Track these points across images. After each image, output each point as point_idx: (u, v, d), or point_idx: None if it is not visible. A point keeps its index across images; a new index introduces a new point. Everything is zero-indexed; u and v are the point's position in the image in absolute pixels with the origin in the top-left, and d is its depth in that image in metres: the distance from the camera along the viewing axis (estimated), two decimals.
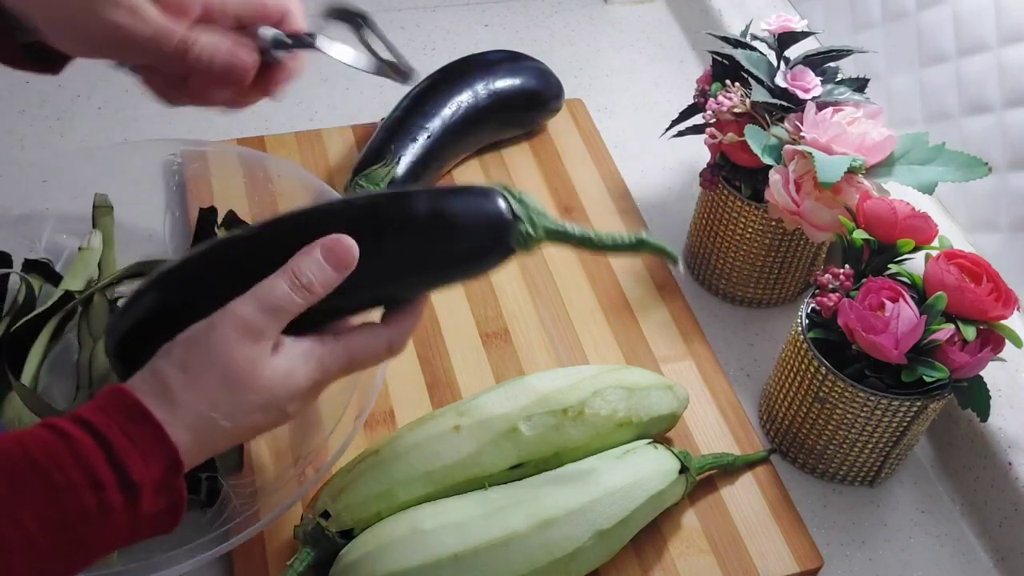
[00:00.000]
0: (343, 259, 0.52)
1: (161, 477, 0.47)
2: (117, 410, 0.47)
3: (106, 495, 0.45)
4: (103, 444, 0.45)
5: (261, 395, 0.50)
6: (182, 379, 0.49)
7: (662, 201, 0.97)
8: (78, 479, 0.44)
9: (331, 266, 0.51)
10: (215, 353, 0.49)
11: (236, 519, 0.64)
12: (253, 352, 0.50)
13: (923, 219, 0.69)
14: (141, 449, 0.46)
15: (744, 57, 0.80)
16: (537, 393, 0.69)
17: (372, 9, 1.27)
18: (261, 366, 0.50)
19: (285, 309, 0.51)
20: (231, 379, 0.49)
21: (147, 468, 0.46)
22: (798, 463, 0.77)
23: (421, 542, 0.61)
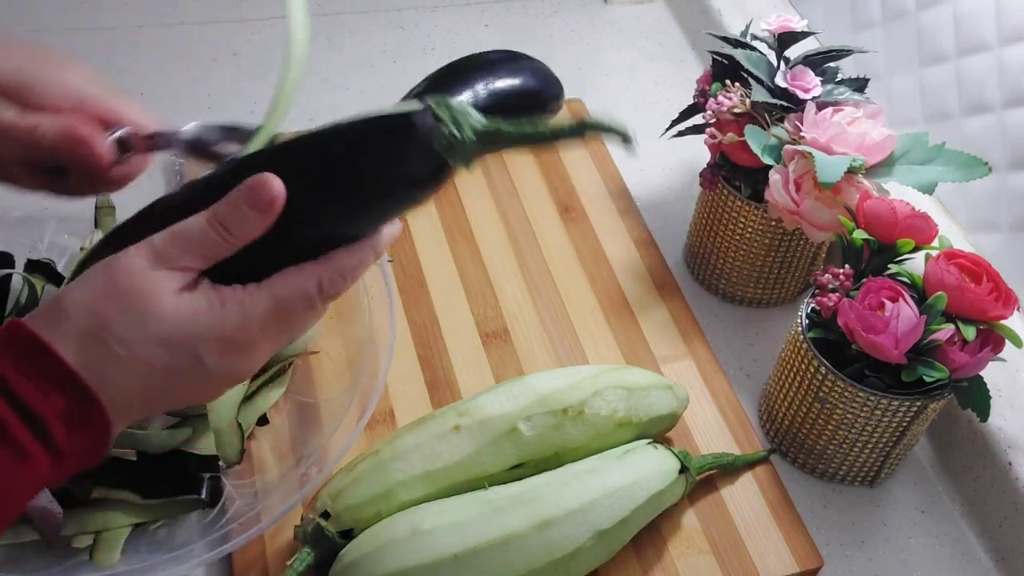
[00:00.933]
0: (265, 200, 0.47)
1: (66, 406, 0.44)
2: (11, 343, 0.44)
3: (11, 432, 0.42)
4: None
5: (161, 323, 0.46)
6: (76, 296, 0.46)
7: (662, 201, 0.97)
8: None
9: (250, 206, 0.47)
10: (117, 271, 0.46)
11: (238, 520, 0.64)
12: (158, 276, 0.46)
13: (923, 219, 0.69)
14: (35, 380, 0.43)
15: (744, 57, 0.80)
16: (537, 393, 0.69)
17: (372, 9, 1.27)
18: (163, 291, 0.46)
19: (198, 242, 0.47)
20: (127, 297, 0.46)
21: (47, 400, 0.43)
22: (798, 463, 0.77)
23: (421, 542, 0.61)
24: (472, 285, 0.86)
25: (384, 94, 1.04)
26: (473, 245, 0.89)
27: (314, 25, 1.14)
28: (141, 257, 0.47)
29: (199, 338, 0.47)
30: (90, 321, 0.45)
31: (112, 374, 0.45)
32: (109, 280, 0.46)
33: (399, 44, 1.12)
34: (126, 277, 0.46)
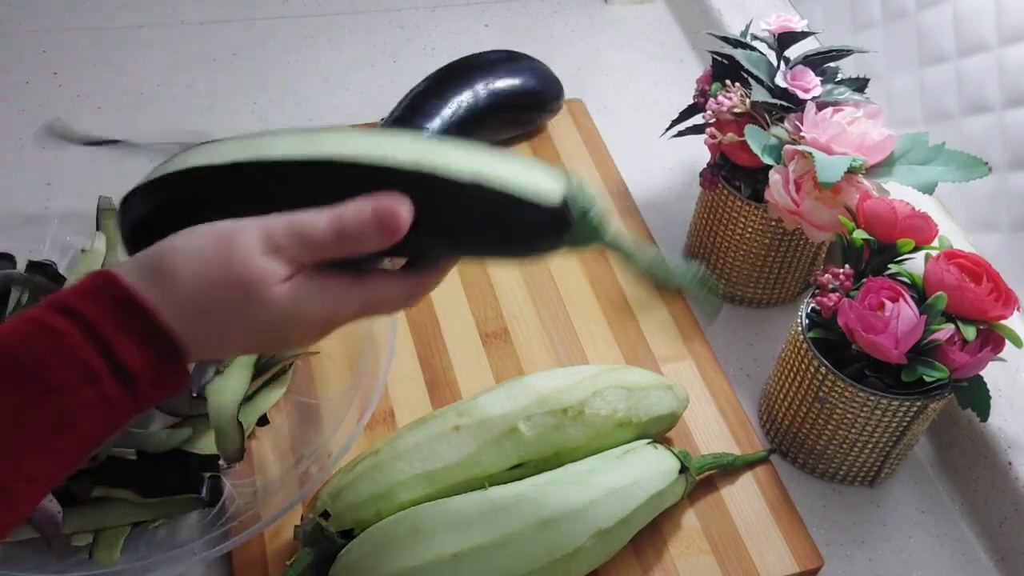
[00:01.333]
0: (391, 228, 0.48)
1: (158, 365, 0.45)
2: (106, 297, 0.45)
3: (103, 387, 0.44)
4: (92, 335, 0.44)
5: (263, 314, 0.47)
6: (192, 268, 0.46)
7: (662, 201, 0.97)
8: (72, 377, 0.43)
9: (376, 230, 0.48)
10: (234, 255, 0.46)
11: (238, 519, 0.64)
12: (267, 265, 0.47)
13: (923, 219, 0.69)
14: (134, 338, 0.44)
15: (744, 57, 0.80)
16: (537, 393, 0.69)
17: (372, 9, 1.27)
18: (271, 282, 0.47)
19: (314, 243, 0.47)
20: (240, 289, 0.47)
21: (143, 357, 0.45)
22: (798, 463, 0.77)
23: (421, 542, 0.61)
24: (472, 285, 0.86)
25: (384, 94, 1.04)
26: None
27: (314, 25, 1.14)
28: (256, 241, 0.47)
29: (292, 323, 0.49)
30: (198, 295, 0.46)
31: (204, 345, 0.47)
32: (223, 259, 0.47)
33: (399, 44, 1.12)
34: (239, 261, 0.46)
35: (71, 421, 0.43)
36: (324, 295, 0.49)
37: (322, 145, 0.50)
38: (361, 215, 0.48)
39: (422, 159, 0.49)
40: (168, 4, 1.13)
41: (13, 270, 0.77)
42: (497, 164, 0.50)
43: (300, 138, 0.51)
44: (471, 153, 0.50)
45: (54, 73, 1.03)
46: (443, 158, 0.49)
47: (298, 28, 1.12)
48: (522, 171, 0.51)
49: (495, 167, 0.50)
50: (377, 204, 0.48)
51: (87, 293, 0.45)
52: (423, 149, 0.50)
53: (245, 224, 0.48)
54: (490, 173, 0.50)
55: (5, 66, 1.03)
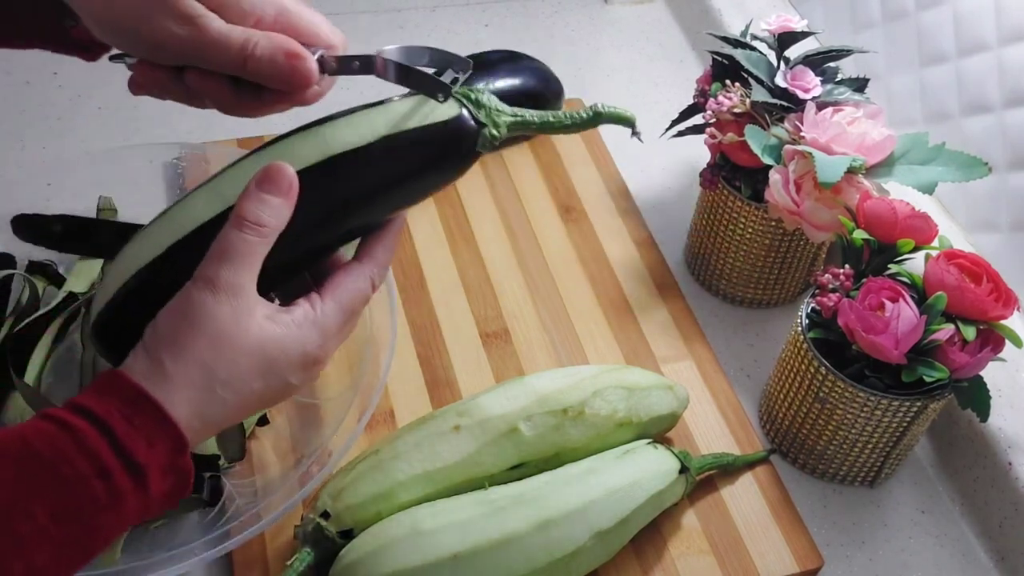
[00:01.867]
0: (279, 183, 0.50)
1: (167, 457, 0.47)
2: (115, 395, 0.46)
3: (114, 481, 0.44)
4: (105, 431, 0.45)
5: (254, 357, 0.49)
6: (172, 353, 0.48)
7: (662, 201, 0.97)
8: (85, 469, 0.44)
9: (271, 194, 0.50)
10: (197, 319, 0.48)
11: (238, 519, 0.64)
12: (234, 309, 0.49)
13: (923, 219, 0.69)
14: (143, 432, 0.46)
15: (744, 57, 0.80)
16: (537, 393, 0.69)
17: (372, 9, 1.27)
18: (245, 323, 0.49)
19: (243, 253, 0.49)
20: (217, 340, 0.48)
21: (151, 450, 0.46)
22: (798, 463, 0.77)
23: (421, 542, 0.61)
24: (472, 285, 0.86)
25: (384, 94, 1.03)
26: (473, 245, 0.89)
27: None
28: (207, 293, 0.49)
29: (288, 364, 0.51)
30: (196, 375, 0.48)
31: (216, 415, 0.49)
32: (193, 327, 0.48)
33: (399, 44, 1.12)
34: (210, 321, 0.48)
35: (79, 513, 0.44)
36: (303, 326, 0.51)
37: (226, 192, 0.52)
38: (247, 193, 0.50)
39: (320, 150, 0.52)
40: None
41: (13, 270, 0.77)
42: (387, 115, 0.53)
43: (207, 195, 0.53)
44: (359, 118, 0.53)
45: (54, 73, 1.03)
46: (336, 138, 0.52)
47: None
48: (415, 109, 0.54)
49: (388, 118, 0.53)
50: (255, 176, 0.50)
51: (98, 392, 0.47)
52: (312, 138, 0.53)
53: (188, 287, 0.49)
54: (386, 127, 0.53)
55: (5, 66, 1.03)
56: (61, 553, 0.44)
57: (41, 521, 0.43)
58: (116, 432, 0.45)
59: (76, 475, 0.44)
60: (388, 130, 0.53)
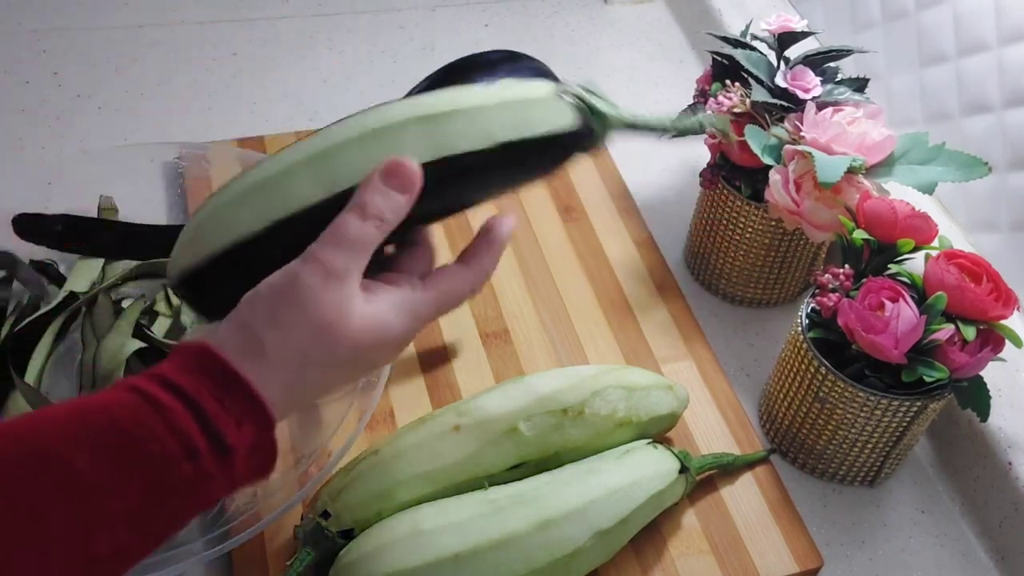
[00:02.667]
0: (406, 182, 0.49)
1: (254, 437, 0.46)
2: (205, 372, 0.45)
3: (202, 462, 0.44)
4: (195, 411, 0.44)
5: (352, 347, 0.49)
6: (274, 335, 0.47)
7: (662, 201, 0.97)
8: (174, 450, 0.43)
9: (395, 191, 0.49)
10: (303, 303, 0.47)
11: (238, 519, 0.64)
12: (340, 297, 0.48)
13: (923, 219, 0.69)
14: (234, 414, 0.45)
15: (744, 57, 0.80)
16: (537, 393, 0.69)
17: (372, 9, 1.27)
18: (350, 313, 0.48)
19: (362, 243, 0.49)
20: (323, 330, 0.48)
21: (240, 432, 0.45)
22: (798, 463, 0.77)
23: (421, 542, 0.61)
24: None
25: (384, 94, 1.04)
26: None
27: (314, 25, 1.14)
28: (316, 276, 0.48)
29: (380, 348, 0.50)
30: (293, 360, 0.47)
31: (304, 396, 0.49)
32: (297, 311, 0.48)
33: (399, 44, 1.12)
34: (314, 309, 0.48)
35: (166, 494, 0.43)
36: (402, 311, 0.51)
37: (338, 176, 0.51)
38: (372, 184, 0.49)
39: (437, 147, 0.50)
40: (168, 4, 1.13)
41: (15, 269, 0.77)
42: (505, 115, 0.52)
43: (313, 174, 0.51)
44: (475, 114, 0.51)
45: (54, 73, 1.03)
46: (454, 137, 0.51)
47: (298, 28, 1.12)
48: (532, 110, 0.52)
49: (506, 119, 0.51)
50: (381, 167, 0.50)
51: (186, 367, 0.46)
52: (429, 133, 0.51)
53: (295, 267, 0.48)
54: (506, 131, 0.51)
55: (5, 66, 1.03)
56: (146, 533, 0.43)
57: (131, 501, 0.42)
58: (206, 412, 0.44)
59: (165, 455, 0.43)
60: (509, 136, 0.51)
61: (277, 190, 0.51)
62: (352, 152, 0.51)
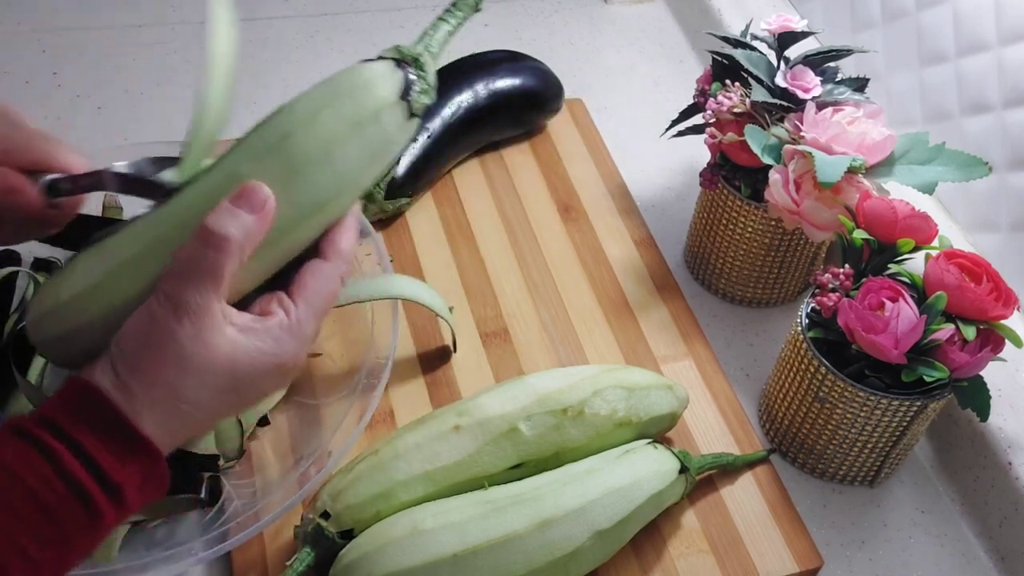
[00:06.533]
0: (254, 201, 0.48)
1: (142, 473, 0.47)
2: (86, 410, 0.46)
3: (94, 504, 0.45)
4: (80, 453, 0.45)
5: (222, 376, 0.48)
6: (137, 375, 0.47)
7: (662, 201, 0.97)
8: (65, 495, 0.44)
9: (245, 210, 0.48)
10: (159, 340, 0.47)
11: (237, 519, 0.64)
12: (196, 329, 0.47)
13: (923, 219, 0.69)
14: (116, 452, 0.46)
15: (744, 57, 0.80)
16: (537, 393, 0.69)
17: (372, 9, 1.27)
18: (214, 344, 0.47)
19: (208, 270, 0.47)
20: (183, 363, 0.47)
21: (125, 468, 0.46)
22: (798, 463, 0.77)
23: (421, 542, 0.61)
24: (472, 285, 0.86)
25: None
26: (473, 245, 0.89)
27: (314, 25, 1.14)
28: (168, 312, 0.47)
29: (262, 374, 0.49)
30: (160, 394, 0.47)
31: (184, 428, 0.49)
32: (157, 349, 0.47)
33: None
34: (172, 343, 0.47)
35: (61, 537, 0.44)
36: (280, 338, 0.49)
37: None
38: (219, 208, 0.48)
39: (283, 175, 0.50)
40: (168, 4, 1.13)
41: (18, 267, 0.77)
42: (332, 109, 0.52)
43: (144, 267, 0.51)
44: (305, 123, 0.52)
45: (54, 73, 1.03)
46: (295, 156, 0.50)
47: (298, 28, 1.12)
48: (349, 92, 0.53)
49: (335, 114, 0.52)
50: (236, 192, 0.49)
51: (69, 406, 0.46)
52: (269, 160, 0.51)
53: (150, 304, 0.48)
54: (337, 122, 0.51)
55: (5, 66, 1.03)
56: (40, 572, 0.44)
57: (30, 553, 0.43)
58: (89, 453, 0.45)
59: (57, 502, 0.44)
60: (344, 127, 0.51)
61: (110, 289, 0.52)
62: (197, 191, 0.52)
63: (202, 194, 0.51)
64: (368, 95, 0.52)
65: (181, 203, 0.52)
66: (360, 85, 0.52)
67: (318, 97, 0.52)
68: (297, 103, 0.52)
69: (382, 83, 0.52)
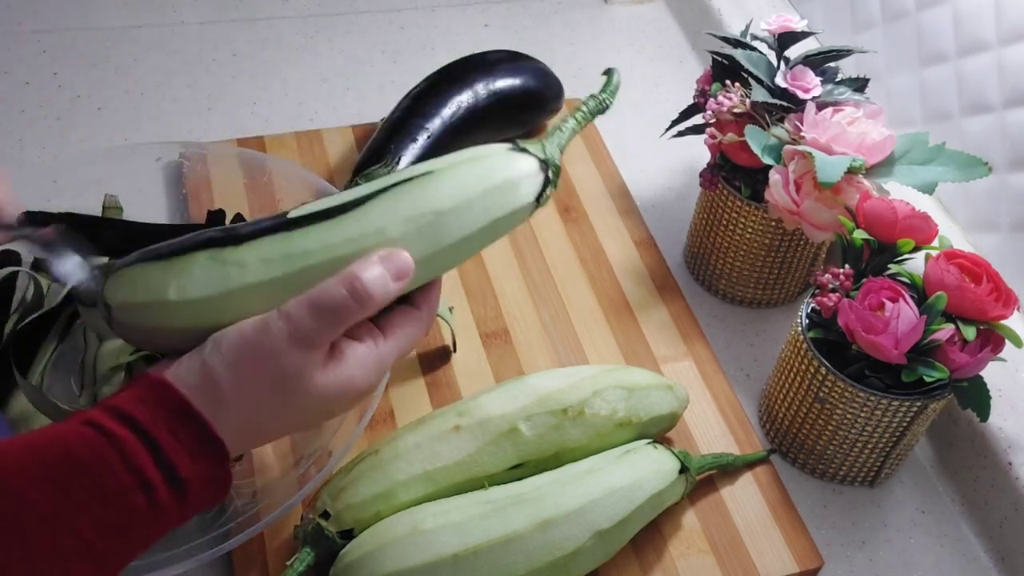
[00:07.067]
0: (402, 270, 0.51)
1: (208, 471, 0.47)
2: (162, 406, 0.46)
3: (156, 495, 0.44)
4: (149, 444, 0.45)
5: (310, 401, 0.49)
6: (232, 380, 0.48)
7: (662, 201, 0.97)
8: (128, 482, 0.44)
9: (391, 277, 0.50)
10: (266, 356, 0.48)
11: (238, 519, 0.64)
12: (303, 360, 0.48)
13: (923, 219, 0.69)
14: (188, 448, 0.46)
15: (744, 57, 0.80)
16: (537, 393, 0.69)
17: (372, 9, 1.27)
18: (311, 376, 0.49)
19: (341, 316, 0.49)
20: (281, 386, 0.48)
21: (194, 465, 0.46)
22: (798, 463, 0.77)
23: (421, 542, 0.61)
24: (472, 285, 0.86)
25: (384, 94, 1.04)
26: None
27: (314, 25, 1.14)
28: (285, 335, 0.48)
29: (342, 400, 0.51)
30: (249, 408, 0.48)
31: (257, 439, 0.51)
32: (259, 365, 0.48)
33: (399, 44, 1.12)
34: (275, 364, 0.48)
35: (120, 526, 0.44)
36: (366, 363, 0.51)
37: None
38: (369, 265, 0.50)
39: (427, 252, 0.52)
40: (168, 4, 1.13)
41: (18, 267, 0.77)
42: (483, 200, 0.54)
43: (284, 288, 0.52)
44: (459, 209, 0.53)
45: (54, 73, 1.03)
46: (443, 237, 0.53)
47: (298, 28, 1.12)
48: (512, 191, 0.54)
49: (485, 205, 0.54)
50: (379, 253, 0.50)
51: (144, 400, 0.46)
52: (418, 233, 0.52)
53: (269, 320, 0.49)
54: (484, 215, 0.54)
55: (5, 66, 1.03)
56: (100, 564, 0.44)
57: (84, 535, 0.43)
58: (161, 445, 0.45)
59: (119, 487, 0.44)
60: (489, 220, 0.54)
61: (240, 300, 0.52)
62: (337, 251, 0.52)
63: (346, 240, 0.51)
64: (515, 195, 0.54)
65: (324, 242, 0.52)
66: (511, 183, 0.54)
67: (471, 182, 0.54)
68: (447, 177, 0.54)
69: (527, 185, 0.55)
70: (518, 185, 0.54)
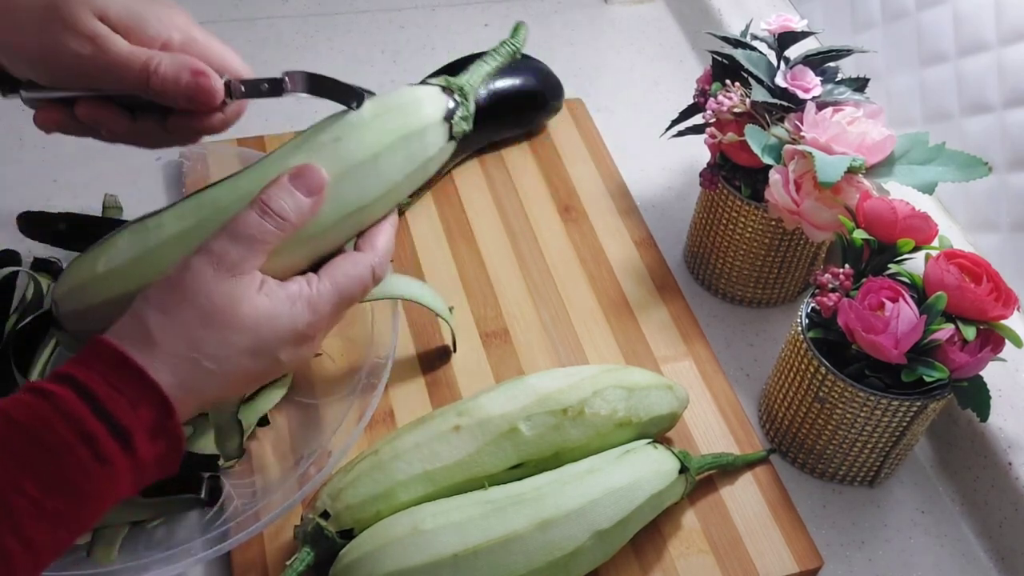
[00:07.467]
0: (312, 183, 0.51)
1: (153, 420, 0.46)
2: (98, 360, 0.46)
3: (99, 446, 0.44)
4: (86, 396, 0.44)
5: (245, 335, 0.49)
6: (161, 320, 0.48)
7: (662, 201, 0.97)
8: (69, 437, 0.44)
9: (301, 191, 0.51)
10: (191, 291, 0.48)
11: (237, 519, 0.64)
12: (230, 287, 0.49)
13: (923, 219, 0.69)
14: (127, 396, 0.45)
15: (744, 57, 0.80)
16: (537, 393, 0.69)
17: (372, 9, 1.27)
18: (240, 302, 0.49)
19: (257, 238, 0.50)
20: (210, 316, 0.48)
21: (135, 413, 0.46)
22: (798, 463, 0.77)
23: (421, 542, 0.61)
24: (472, 285, 0.86)
25: None
26: (473, 245, 0.89)
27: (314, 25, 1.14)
28: (208, 267, 0.49)
29: (278, 340, 0.51)
30: (181, 345, 0.48)
31: (203, 387, 0.49)
32: (186, 299, 0.48)
33: (399, 44, 1.12)
34: (204, 296, 0.48)
35: (68, 482, 0.44)
36: (296, 301, 0.51)
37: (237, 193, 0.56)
38: (278, 183, 0.51)
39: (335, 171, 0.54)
40: None
41: (18, 267, 0.77)
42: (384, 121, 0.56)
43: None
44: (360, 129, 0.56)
45: None
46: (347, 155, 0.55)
47: (298, 28, 1.12)
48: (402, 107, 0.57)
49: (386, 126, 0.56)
50: (291, 169, 0.52)
51: (81, 360, 0.46)
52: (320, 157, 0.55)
53: (190, 258, 0.49)
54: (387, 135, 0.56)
55: None
56: (56, 525, 0.44)
57: (32, 494, 0.43)
58: (98, 395, 0.45)
59: (60, 442, 0.43)
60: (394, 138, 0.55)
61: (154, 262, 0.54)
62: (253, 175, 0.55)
63: (255, 180, 0.53)
64: (416, 112, 0.56)
65: (231, 187, 0.54)
66: (409, 103, 0.56)
67: (369, 109, 0.56)
68: (349, 113, 0.56)
69: (429, 104, 0.57)
70: (421, 103, 0.56)
